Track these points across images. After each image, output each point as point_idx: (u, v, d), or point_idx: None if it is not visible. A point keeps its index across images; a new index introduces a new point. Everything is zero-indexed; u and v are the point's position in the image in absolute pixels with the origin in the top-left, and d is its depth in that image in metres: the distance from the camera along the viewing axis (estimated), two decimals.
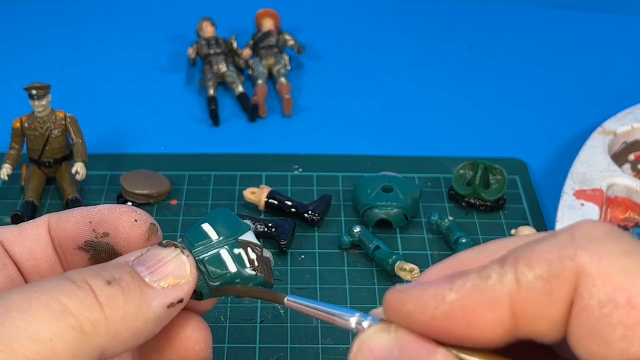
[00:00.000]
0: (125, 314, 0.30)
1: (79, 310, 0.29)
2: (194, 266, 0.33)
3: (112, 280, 0.30)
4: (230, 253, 0.35)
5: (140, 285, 0.31)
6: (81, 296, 0.29)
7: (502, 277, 0.25)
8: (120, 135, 0.79)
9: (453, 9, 1.04)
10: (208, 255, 0.34)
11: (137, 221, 0.34)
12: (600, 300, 0.24)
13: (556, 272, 0.25)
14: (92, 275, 0.30)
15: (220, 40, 0.88)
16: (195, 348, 0.35)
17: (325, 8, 1.04)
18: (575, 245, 0.25)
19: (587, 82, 0.90)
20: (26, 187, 0.69)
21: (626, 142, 0.73)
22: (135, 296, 0.31)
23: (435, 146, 0.78)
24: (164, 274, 0.32)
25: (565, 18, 1.03)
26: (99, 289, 0.30)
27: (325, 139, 0.79)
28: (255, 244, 0.35)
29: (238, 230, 0.35)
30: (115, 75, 0.90)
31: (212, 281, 0.34)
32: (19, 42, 0.96)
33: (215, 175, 0.73)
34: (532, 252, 0.25)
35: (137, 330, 0.31)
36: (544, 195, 0.72)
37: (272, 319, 0.58)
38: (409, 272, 0.60)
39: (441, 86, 0.89)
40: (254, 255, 0.35)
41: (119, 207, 0.35)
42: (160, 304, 0.31)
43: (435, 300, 0.26)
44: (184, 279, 0.33)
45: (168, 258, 0.33)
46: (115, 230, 0.34)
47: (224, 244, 0.35)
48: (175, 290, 0.32)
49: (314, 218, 0.66)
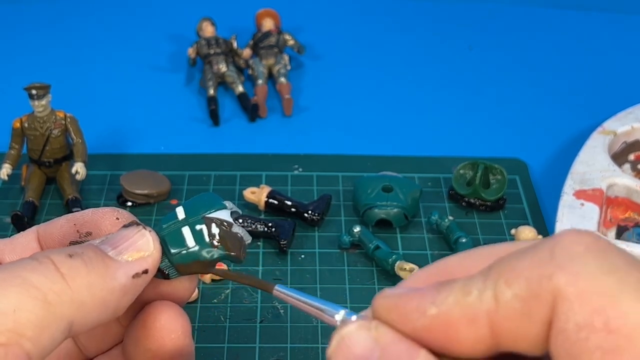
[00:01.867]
0: (89, 283, 0.30)
1: (41, 282, 0.29)
2: (157, 240, 0.34)
3: (74, 254, 0.31)
4: (192, 230, 0.34)
5: (104, 259, 0.32)
6: (42, 269, 0.29)
7: (482, 293, 0.25)
8: (120, 135, 0.79)
9: (453, 9, 1.04)
10: (168, 232, 0.34)
11: (119, 219, 0.35)
12: (577, 324, 0.23)
13: (534, 292, 0.24)
14: (55, 252, 0.31)
15: (220, 40, 0.88)
16: (172, 336, 0.35)
17: (325, 8, 1.04)
18: (554, 263, 0.24)
19: (587, 82, 0.90)
20: (26, 187, 0.69)
21: (626, 142, 0.73)
22: (98, 267, 0.31)
23: (435, 146, 0.78)
24: (128, 248, 0.33)
25: (565, 18, 1.03)
26: (60, 261, 0.30)
27: (325, 139, 0.79)
28: (223, 220, 0.35)
29: (208, 209, 0.35)
30: (115, 75, 0.90)
31: (172, 258, 0.34)
32: (19, 42, 0.96)
33: (215, 175, 0.73)
34: (512, 269, 0.25)
35: (104, 300, 0.31)
36: (544, 195, 0.72)
37: (272, 319, 0.58)
38: (409, 271, 0.60)
39: (441, 86, 0.89)
40: (217, 230, 0.34)
41: (102, 208, 0.35)
42: (125, 273, 0.32)
43: (417, 312, 0.26)
44: (148, 252, 0.33)
45: (131, 235, 0.33)
46: (98, 229, 0.35)
47: (188, 222, 0.35)
48: (140, 261, 0.33)
49: (314, 218, 0.66)
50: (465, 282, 0.26)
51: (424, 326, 0.26)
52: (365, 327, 0.27)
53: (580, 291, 0.23)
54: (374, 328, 0.27)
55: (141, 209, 0.68)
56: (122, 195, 0.69)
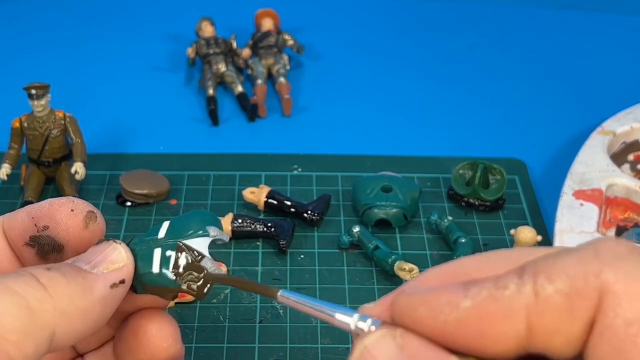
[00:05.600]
0: (70, 292, 0.30)
1: (24, 289, 0.29)
2: (129, 251, 0.34)
3: (52, 268, 0.31)
4: (162, 253, 0.34)
5: (81, 272, 0.32)
6: (24, 279, 0.30)
7: (521, 287, 0.25)
8: (120, 135, 0.79)
9: (453, 9, 1.04)
10: (141, 249, 0.34)
11: (74, 210, 0.35)
12: (626, 319, 0.23)
13: (579, 288, 0.24)
14: (32, 267, 0.31)
15: (219, 40, 0.88)
16: (164, 345, 0.35)
17: (325, 8, 1.04)
18: (600, 261, 0.24)
19: (587, 82, 0.90)
20: (25, 187, 0.69)
21: (625, 142, 0.73)
22: (76, 279, 0.31)
23: (434, 146, 0.78)
24: (101, 261, 0.33)
25: (565, 18, 1.03)
26: (40, 273, 0.30)
27: (324, 139, 0.79)
28: (195, 250, 0.34)
29: (186, 234, 0.34)
30: (115, 75, 0.90)
31: (137, 276, 0.34)
32: (19, 42, 0.96)
33: (215, 175, 0.73)
34: (554, 266, 0.25)
35: (86, 309, 0.31)
36: (544, 195, 0.72)
37: (272, 319, 0.58)
38: (409, 272, 0.60)
39: (441, 86, 0.89)
40: (184, 261, 0.34)
41: (58, 199, 0.35)
42: (103, 284, 0.32)
43: (449, 306, 0.25)
44: (122, 263, 0.33)
45: (102, 249, 0.34)
46: (54, 222, 0.35)
47: (163, 243, 0.34)
48: (115, 272, 0.33)
49: (313, 218, 0.66)
50: (497, 279, 0.25)
51: (456, 319, 0.25)
52: (390, 335, 0.26)
53: (629, 288, 0.24)
54: (399, 336, 0.26)
55: (140, 209, 0.68)
56: (121, 195, 0.69)
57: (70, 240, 0.35)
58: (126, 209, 0.69)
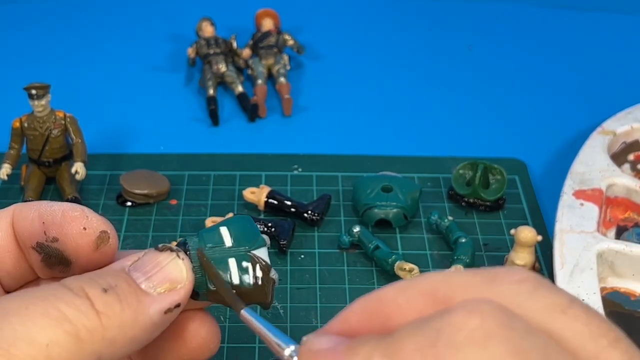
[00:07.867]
0: (122, 321, 0.30)
1: (76, 317, 0.29)
2: (190, 270, 0.33)
3: (109, 288, 0.31)
4: (238, 264, 0.34)
5: (137, 293, 0.31)
6: (78, 303, 0.29)
7: None
8: (120, 135, 0.79)
9: (453, 9, 1.04)
10: (215, 257, 0.34)
11: (86, 229, 0.33)
12: None
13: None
14: (89, 283, 0.31)
15: (219, 40, 0.88)
16: (212, 346, 0.35)
17: (325, 8, 1.04)
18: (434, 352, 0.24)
19: (587, 82, 0.90)
20: (26, 187, 0.69)
21: (626, 142, 0.73)
22: (132, 304, 0.31)
23: (435, 146, 0.78)
24: (160, 279, 0.32)
25: (565, 18, 1.03)
26: (96, 296, 0.30)
27: (325, 139, 0.79)
28: (265, 262, 0.34)
29: (253, 244, 0.34)
30: (115, 75, 0.90)
31: (210, 284, 0.33)
32: (19, 42, 0.96)
33: (215, 175, 0.73)
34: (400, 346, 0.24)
35: (134, 337, 0.31)
36: (544, 195, 0.72)
37: (272, 319, 0.58)
38: (409, 272, 0.60)
39: (441, 86, 0.89)
40: (260, 273, 0.34)
41: (72, 210, 0.34)
42: (158, 309, 0.31)
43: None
44: (181, 283, 0.33)
45: (164, 263, 0.33)
46: (65, 237, 0.33)
47: (235, 253, 0.34)
48: (172, 294, 0.32)
49: (313, 218, 0.66)
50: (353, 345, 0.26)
51: None
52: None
53: None
54: None
55: (141, 209, 0.68)
56: (121, 195, 0.69)
57: (80, 259, 0.34)
58: (126, 209, 0.69)
